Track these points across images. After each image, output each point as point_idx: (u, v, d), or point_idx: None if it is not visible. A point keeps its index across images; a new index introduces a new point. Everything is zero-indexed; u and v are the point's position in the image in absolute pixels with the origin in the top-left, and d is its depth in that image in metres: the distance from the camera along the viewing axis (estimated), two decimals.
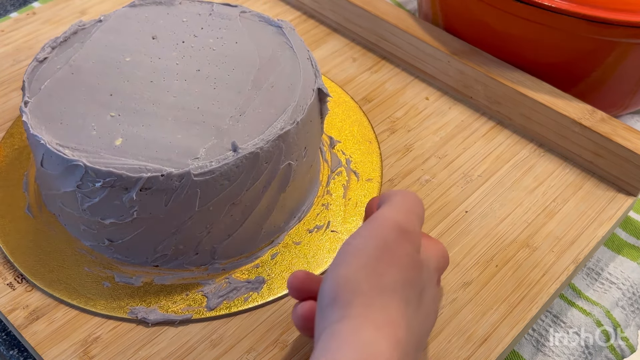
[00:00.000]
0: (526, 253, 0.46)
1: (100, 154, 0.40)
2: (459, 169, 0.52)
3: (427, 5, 0.62)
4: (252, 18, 0.50)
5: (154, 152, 0.40)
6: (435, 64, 0.58)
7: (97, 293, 0.43)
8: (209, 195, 0.40)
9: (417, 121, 0.56)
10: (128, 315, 0.42)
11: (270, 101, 0.44)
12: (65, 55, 0.46)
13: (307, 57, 0.47)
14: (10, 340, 0.43)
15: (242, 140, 0.41)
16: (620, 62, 0.52)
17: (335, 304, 0.32)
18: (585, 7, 0.48)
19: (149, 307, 0.42)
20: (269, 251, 0.46)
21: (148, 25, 0.49)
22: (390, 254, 0.33)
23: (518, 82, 0.54)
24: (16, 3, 0.72)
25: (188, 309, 0.42)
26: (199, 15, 0.50)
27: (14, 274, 0.44)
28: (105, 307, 0.42)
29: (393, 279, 0.32)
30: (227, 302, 0.43)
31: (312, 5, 0.65)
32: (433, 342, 0.41)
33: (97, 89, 0.44)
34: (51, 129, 0.41)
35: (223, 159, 0.40)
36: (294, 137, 0.43)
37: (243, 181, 0.41)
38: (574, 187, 0.51)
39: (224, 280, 0.44)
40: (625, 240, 0.52)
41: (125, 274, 0.44)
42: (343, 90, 0.58)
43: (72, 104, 0.43)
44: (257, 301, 0.43)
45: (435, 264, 0.37)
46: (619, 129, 0.50)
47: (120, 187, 0.39)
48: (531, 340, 0.46)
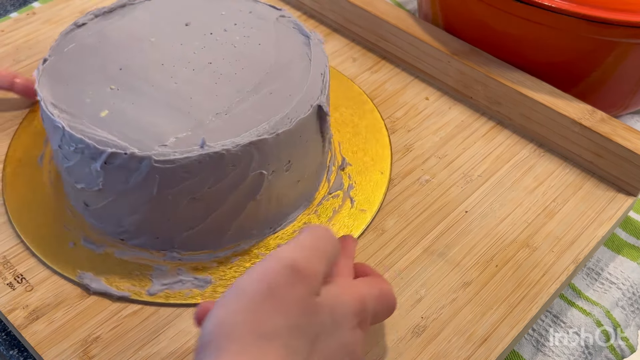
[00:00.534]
0: (526, 253, 0.46)
1: (82, 121, 0.42)
2: (459, 169, 0.52)
3: (427, 5, 0.62)
4: (287, 24, 0.50)
5: (129, 130, 0.41)
6: (435, 64, 0.58)
7: (59, 249, 0.45)
8: (168, 183, 0.41)
9: (417, 121, 0.56)
10: (76, 278, 0.44)
11: (262, 107, 0.43)
12: (102, 24, 0.49)
13: (320, 73, 0.46)
14: (10, 340, 0.44)
15: (214, 138, 0.41)
16: (620, 62, 0.52)
17: (207, 348, 0.29)
18: (586, 7, 0.48)
19: (97, 276, 0.44)
20: (231, 254, 0.45)
21: (187, 12, 0.50)
22: (276, 298, 0.30)
23: (518, 82, 0.54)
24: (16, 3, 0.72)
25: (130, 287, 0.43)
26: (240, 11, 0.50)
27: (13, 274, 0.44)
28: (59, 264, 0.44)
29: (276, 324, 0.30)
30: (168, 291, 0.43)
31: (312, 5, 0.66)
32: (433, 342, 0.41)
33: (112, 61, 0.46)
34: (53, 89, 0.44)
35: (187, 152, 0.40)
36: (273, 147, 0.42)
37: (205, 178, 0.41)
38: (574, 187, 0.51)
39: (175, 270, 0.44)
40: (625, 240, 0.52)
41: (92, 240, 0.46)
42: (375, 107, 0.56)
43: (84, 70, 0.45)
44: (197, 299, 0.43)
45: (351, 307, 0.34)
46: (619, 129, 0.50)
47: (89, 156, 0.41)
48: (531, 340, 0.46)
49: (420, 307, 0.43)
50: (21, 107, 0.56)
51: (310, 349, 0.31)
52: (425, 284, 0.44)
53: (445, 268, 0.45)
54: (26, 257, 0.45)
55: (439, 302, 0.43)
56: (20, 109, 0.56)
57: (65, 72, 0.45)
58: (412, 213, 0.49)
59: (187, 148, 0.40)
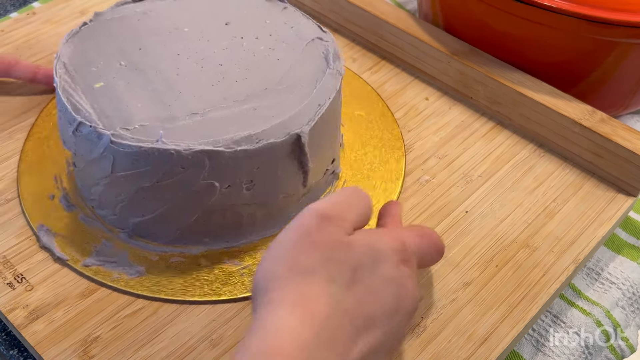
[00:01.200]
0: (526, 253, 0.46)
1: (75, 86, 0.44)
2: (459, 169, 0.52)
3: (427, 6, 0.62)
4: (318, 47, 0.47)
5: (108, 106, 0.42)
6: (435, 64, 0.58)
7: (38, 197, 0.48)
8: (120, 165, 0.41)
9: (417, 121, 0.56)
10: (36, 227, 0.46)
11: (239, 120, 0.42)
12: (155, 4, 0.50)
13: (319, 104, 0.44)
14: (10, 340, 0.43)
15: (174, 136, 0.40)
16: (620, 62, 0.52)
17: (258, 295, 0.33)
18: (586, 7, 0.48)
19: (52, 232, 0.46)
20: (177, 254, 0.45)
21: (236, 13, 0.50)
22: (309, 239, 0.33)
23: (518, 82, 0.54)
24: (16, 3, 0.72)
25: (72, 253, 0.45)
26: (284, 24, 0.49)
27: (13, 274, 0.44)
28: (29, 210, 0.47)
29: (312, 260, 0.33)
30: (100, 268, 0.44)
31: (312, 6, 0.66)
32: (433, 342, 0.41)
33: (138, 40, 0.47)
34: (75, 50, 0.46)
35: (141, 141, 0.40)
36: (229, 162, 0.41)
37: (153, 172, 0.41)
38: (574, 187, 0.51)
39: (119, 251, 0.45)
40: (625, 240, 0.52)
41: (69, 198, 0.48)
42: (398, 126, 0.54)
43: (110, 41, 0.47)
44: (120, 285, 0.44)
45: (389, 245, 0.35)
46: (619, 130, 0.50)
47: (66, 120, 0.43)
48: (531, 340, 0.46)
49: (420, 307, 0.43)
50: None
51: (351, 279, 0.33)
52: (425, 284, 0.44)
53: (445, 268, 0.45)
54: (26, 257, 0.45)
55: (439, 302, 0.43)
56: None
57: (95, 39, 0.47)
58: (412, 213, 0.49)
59: (143, 137, 0.40)
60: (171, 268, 0.45)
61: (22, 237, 0.46)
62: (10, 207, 0.48)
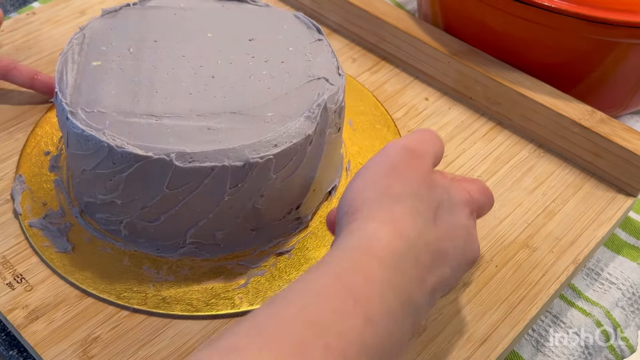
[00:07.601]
0: (526, 253, 0.46)
1: (76, 60, 0.46)
2: (458, 169, 0.52)
3: (427, 6, 0.62)
4: (317, 88, 0.45)
5: (88, 86, 0.44)
6: (435, 65, 0.58)
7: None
8: (72, 144, 0.43)
9: (417, 122, 0.56)
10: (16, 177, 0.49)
11: (184, 133, 0.41)
12: (197, 4, 0.51)
13: (275, 144, 0.41)
14: (10, 340, 0.43)
15: (121, 131, 0.41)
16: (620, 62, 0.52)
17: (347, 213, 0.35)
18: (586, 7, 0.48)
19: (27, 185, 0.49)
20: (102, 242, 0.46)
21: (266, 31, 0.49)
22: (397, 171, 0.35)
23: (518, 82, 0.54)
24: (16, 3, 0.72)
25: (28, 211, 0.47)
26: (304, 55, 0.47)
27: (13, 274, 0.44)
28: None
29: (400, 190, 0.34)
30: (39, 231, 0.46)
31: (312, 6, 0.66)
32: (433, 342, 0.41)
33: (159, 32, 0.48)
34: (98, 27, 0.48)
35: (88, 125, 0.41)
36: (157, 171, 0.40)
37: (92, 157, 0.41)
38: (574, 187, 0.51)
39: (64, 222, 0.47)
40: (625, 241, 0.52)
41: (61, 160, 0.50)
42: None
43: (134, 27, 0.48)
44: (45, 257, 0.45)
45: (462, 196, 0.38)
46: (619, 130, 0.50)
47: None
48: (531, 341, 0.46)
49: None
50: None
51: (433, 216, 0.35)
52: None
53: None
54: (26, 257, 0.45)
55: (439, 303, 0.43)
56: None
57: (126, 21, 0.49)
58: None
59: (93, 123, 0.41)
60: (96, 255, 0.45)
61: (21, 237, 0.46)
62: (10, 207, 0.48)
